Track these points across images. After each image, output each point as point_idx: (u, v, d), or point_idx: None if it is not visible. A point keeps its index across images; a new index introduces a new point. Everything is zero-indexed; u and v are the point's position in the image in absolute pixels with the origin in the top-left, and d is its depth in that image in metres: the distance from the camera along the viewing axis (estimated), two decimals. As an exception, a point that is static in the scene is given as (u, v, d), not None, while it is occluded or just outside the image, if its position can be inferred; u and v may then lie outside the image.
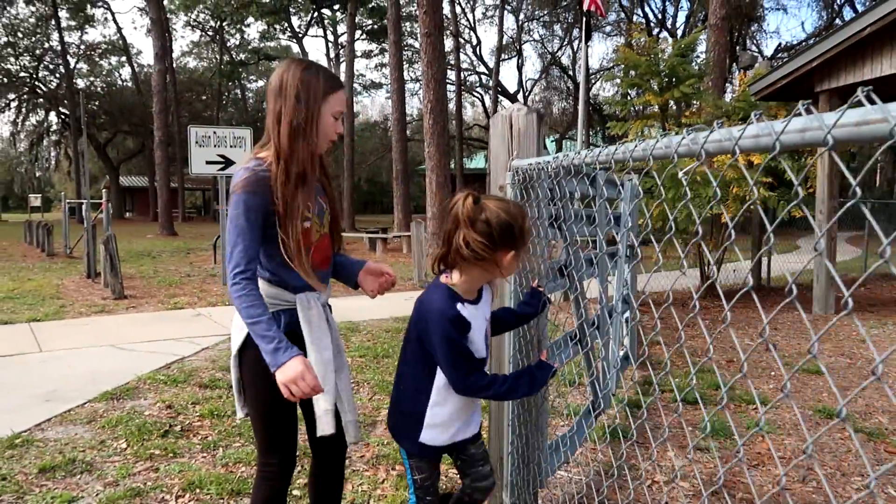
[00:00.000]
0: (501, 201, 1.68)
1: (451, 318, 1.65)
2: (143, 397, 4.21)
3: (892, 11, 6.40)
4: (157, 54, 23.32)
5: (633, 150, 1.33)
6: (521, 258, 1.71)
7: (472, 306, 1.72)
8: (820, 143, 0.81)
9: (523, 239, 1.67)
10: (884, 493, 3.03)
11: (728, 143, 1.00)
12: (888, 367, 5.29)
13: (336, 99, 1.88)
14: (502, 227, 1.62)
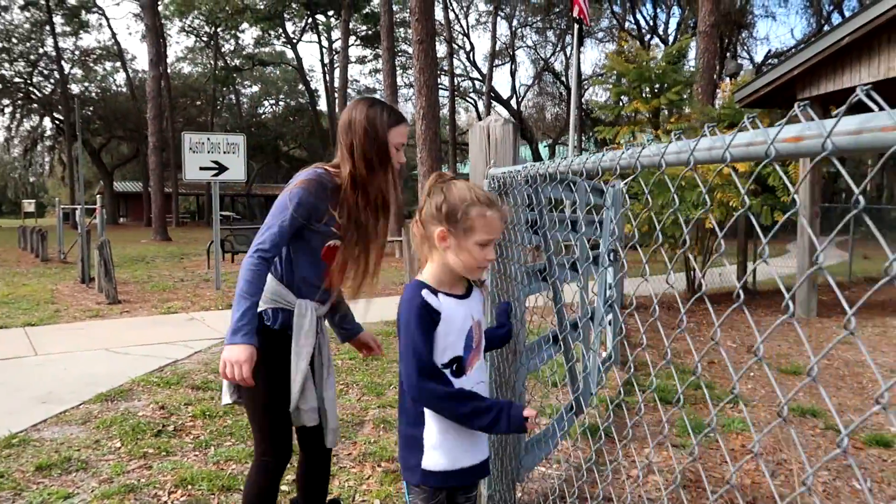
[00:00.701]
0: (470, 187, 1.63)
1: (414, 305, 1.56)
2: (136, 399, 4.31)
3: (868, 22, 6.57)
4: (151, 60, 23.43)
5: (620, 158, 1.33)
6: (460, 246, 1.57)
7: (451, 299, 1.62)
8: (818, 150, 0.76)
9: (463, 223, 1.57)
10: (848, 485, 3.16)
11: (718, 150, 0.97)
12: (863, 368, 5.43)
13: (398, 132, 2.06)
14: (450, 204, 1.57)
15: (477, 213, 1.56)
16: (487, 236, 1.57)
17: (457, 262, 1.59)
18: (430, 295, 1.57)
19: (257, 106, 49.03)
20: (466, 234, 1.56)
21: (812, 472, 0.93)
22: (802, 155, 0.76)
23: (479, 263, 1.59)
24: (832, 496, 3.06)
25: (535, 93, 39.67)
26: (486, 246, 1.59)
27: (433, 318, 1.57)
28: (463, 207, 1.56)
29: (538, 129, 38.38)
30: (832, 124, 0.65)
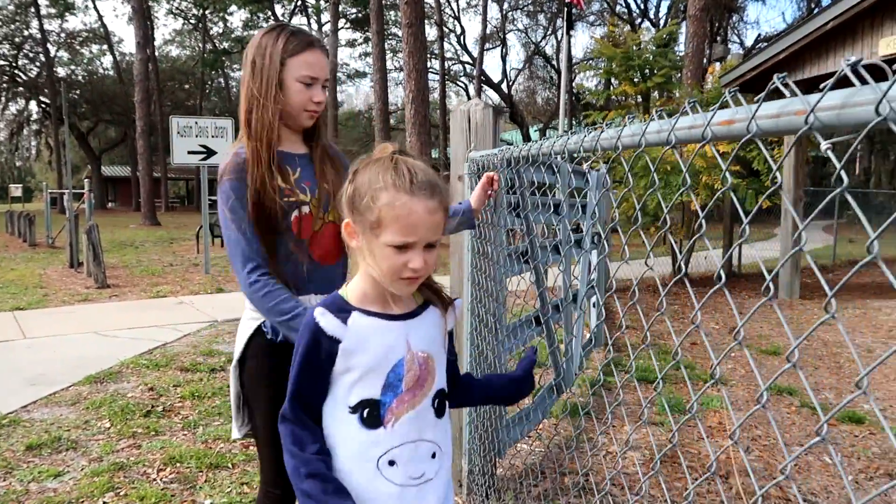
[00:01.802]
0: (393, 165, 1.14)
1: (303, 329, 1.20)
2: (126, 381, 4.36)
3: (851, 7, 6.64)
4: (138, 43, 23.20)
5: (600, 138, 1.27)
6: (371, 247, 1.14)
7: (373, 319, 1.19)
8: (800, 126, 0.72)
9: (367, 214, 1.12)
10: (819, 460, 3.27)
11: (698, 129, 0.93)
12: (841, 349, 5.55)
13: (300, 62, 1.65)
14: (356, 186, 1.15)
15: (386, 201, 1.09)
16: (400, 237, 1.09)
17: (373, 267, 1.15)
18: (328, 316, 1.17)
19: (246, 89, 48.61)
20: (373, 230, 1.11)
21: (790, 462, 0.99)
22: (784, 132, 0.75)
23: (401, 273, 1.12)
24: (803, 470, 3.17)
25: (525, 77, 39.59)
26: (406, 250, 1.11)
27: (326, 347, 1.16)
28: (370, 192, 1.11)
29: (529, 113, 38.31)
30: (816, 99, 0.66)
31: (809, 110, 0.61)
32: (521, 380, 1.45)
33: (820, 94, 0.61)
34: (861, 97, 0.56)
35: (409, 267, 1.12)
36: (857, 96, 0.57)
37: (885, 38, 6.66)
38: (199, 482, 2.92)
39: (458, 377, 1.41)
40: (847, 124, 0.58)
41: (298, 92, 1.66)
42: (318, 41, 1.72)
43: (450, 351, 1.33)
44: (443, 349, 1.28)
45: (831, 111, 0.60)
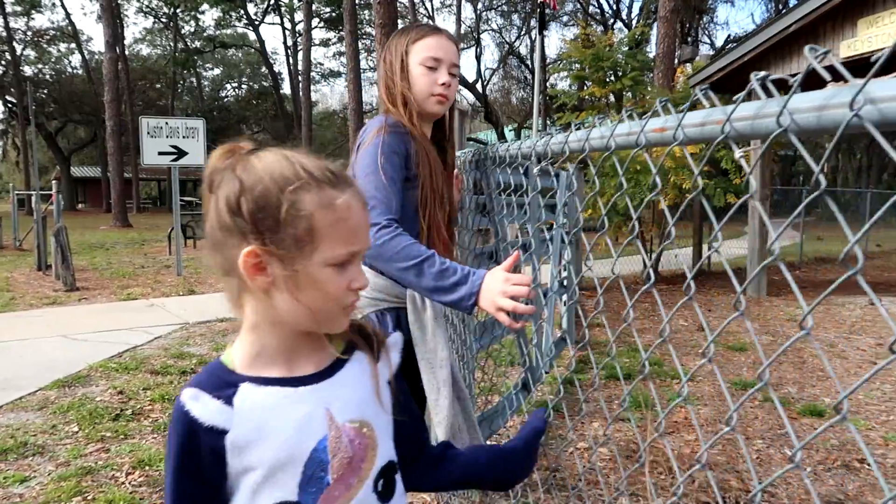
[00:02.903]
0: (289, 157, 0.85)
1: (175, 420, 0.85)
2: (94, 384, 4.32)
3: (814, 10, 6.80)
4: (107, 42, 22.84)
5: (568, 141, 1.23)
6: (297, 278, 0.82)
7: (273, 389, 0.86)
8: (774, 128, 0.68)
9: (291, 228, 0.80)
10: (780, 452, 3.36)
11: (634, 136, 0.93)
12: (804, 344, 5.68)
13: (422, 45, 1.64)
14: (257, 194, 0.80)
15: (316, 202, 0.81)
16: (344, 248, 0.83)
17: (296, 308, 0.83)
18: (203, 398, 0.84)
19: (219, 89, 48.18)
20: (302, 248, 0.81)
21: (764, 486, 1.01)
22: (707, 139, 0.77)
23: (344, 300, 0.86)
24: (764, 463, 3.25)
25: (500, 77, 39.74)
26: (348, 266, 0.84)
27: (208, 443, 0.83)
28: (286, 196, 0.80)
29: (504, 113, 38.47)
30: (731, 110, 0.70)
31: (725, 119, 0.65)
32: (521, 455, 1.12)
33: (734, 106, 0.65)
34: (768, 109, 0.60)
35: (352, 288, 0.85)
36: (765, 108, 0.61)
37: (846, 40, 6.84)
38: (169, 485, 2.92)
39: (424, 445, 1.05)
40: (758, 134, 0.63)
41: (422, 75, 1.63)
42: (442, 29, 1.73)
43: (404, 408, 0.98)
44: (381, 409, 0.94)
45: (745, 122, 0.64)
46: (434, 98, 1.65)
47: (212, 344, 5.41)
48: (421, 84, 1.64)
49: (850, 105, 0.51)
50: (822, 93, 0.55)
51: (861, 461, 3.25)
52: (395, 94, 1.64)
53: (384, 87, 1.69)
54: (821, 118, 0.55)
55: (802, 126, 0.57)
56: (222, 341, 5.43)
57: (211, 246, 0.86)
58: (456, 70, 1.70)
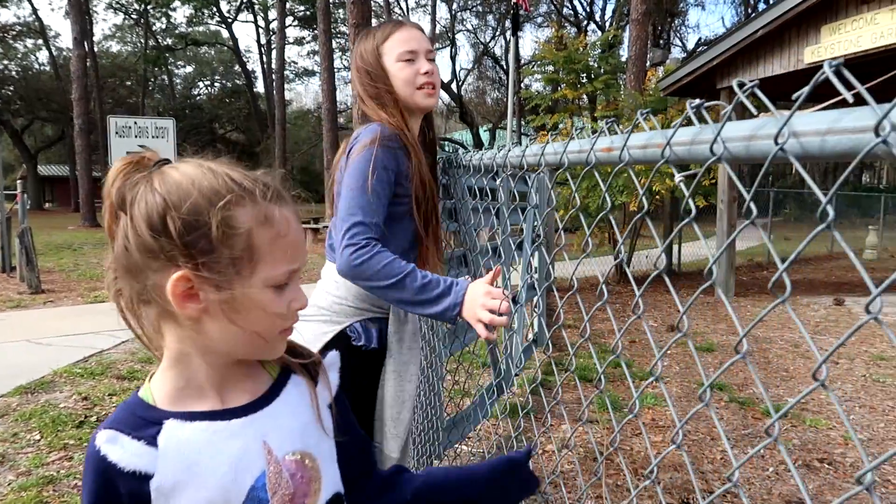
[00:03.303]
0: (209, 167, 0.75)
1: (89, 468, 0.77)
2: (58, 390, 4.24)
3: (780, 16, 6.93)
4: (75, 38, 22.42)
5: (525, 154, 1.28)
6: (234, 303, 0.73)
7: (202, 425, 0.78)
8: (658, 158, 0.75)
9: (227, 248, 0.72)
10: (743, 453, 3.42)
11: (584, 154, 0.94)
12: (770, 344, 5.80)
13: (394, 43, 1.60)
14: (185, 211, 0.71)
15: (252, 219, 0.73)
16: (285, 266, 0.76)
17: (232, 335, 0.76)
18: (121, 440, 0.75)
19: (191, 87, 47.55)
20: (240, 271, 0.73)
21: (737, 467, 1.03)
22: (650, 161, 0.82)
23: (285, 322, 0.79)
24: (728, 463, 3.31)
25: (475, 77, 39.84)
26: (288, 284, 0.77)
27: (128, 491, 0.75)
28: (218, 212, 0.71)
29: (479, 113, 38.57)
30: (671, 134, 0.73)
31: (666, 144, 0.67)
32: (482, 479, 0.99)
33: (673, 130, 0.67)
34: (704, 136, 0.62)
35: (293, 309, 0.78)
36: (701, 135, 0.63)
37: (810, 46, 6.98)
38: (133, 493, 2.88)
39: (371, 467, 0.97)
40: (695, 159, 0.64)
41: (401, 70, 1.58)
42: (405, 20, 1.69)
43: (347, 429, 0.90)
44: (324, 434, 0.86)
45: (683, 146, 0.65)
46: (421, 91, 1.60)
47: (180, 348, 5.34)
48: (404, 79, 1.59)
49: (776, 138, 0.52)
50: (752, 123, 0.57)
51: (821, 461, 3.33)
52: (384, 99, 1.59)
53: (369, 98, 1.61)
54: (749, 148, 0.56)
55: (734, 154, 0.59)
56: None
57: (123, 272, 0.75)
58: (432, 55, 1.65)
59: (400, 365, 1.59)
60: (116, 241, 0.74)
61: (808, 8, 6.76)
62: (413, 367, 1.61)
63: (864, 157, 0.47)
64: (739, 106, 0.64)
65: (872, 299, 0.48)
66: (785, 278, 0.59)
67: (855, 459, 3.34)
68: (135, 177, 0.73)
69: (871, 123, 0.46)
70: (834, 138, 0.49)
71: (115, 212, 0.74)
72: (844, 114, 0.50)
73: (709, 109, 0.68)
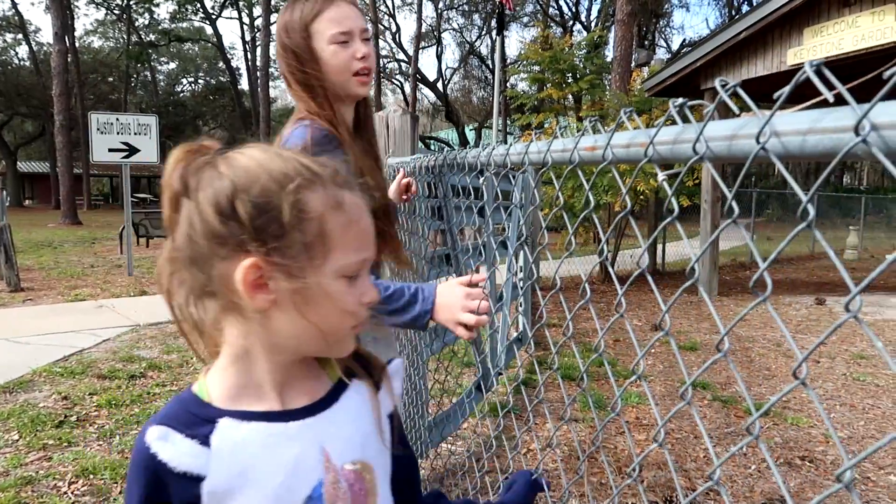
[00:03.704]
0: (275, 152, 0.72)
1: (136, 466, 0.72)
2: (37, 390, 4.19)
3: (762, 18, 7.00)
4: (56, 33, 22.12)
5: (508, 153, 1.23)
6: (307, 293, 0.69)
7: (259, 426, 0.73)
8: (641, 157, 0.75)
9: (298, 234, 0.68)
10: (726, 451, 3.44)
11: (568, 153, 0.93)
12: (752, 343, 5.86)
13: (325, 22, 1.43)
14: (255, 195, 0.67)
15: (325, 203, 0.70)
16: (356, 255, 0.72)
17: (303, 329, 0.71)
18: (174, 438, 0.71)
19: (175, 84, 47.16)
20: (312, 258, 0.69)
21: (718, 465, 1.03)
22: (633, 161, 0.83)
23: (357, 316, 0.74)
24: (710, 463, 3.33)
25: (461, 76, 39.86)
26: (360, 275, 0.73)
27: (180, 493, 0.70)
28: (288, 196, 0.68)
29: (465, 112, 38.60)
30: (654, 133, 0.74)
31: (649, 143, 0.67)
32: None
33: (656, 129, 0.66)
34: (686, 135, 0.62)
35: (363, 302, 0.73)
36: (683, 134, 0.62)
37: (792, 48, 7.05)
38: (114, 493, 2.85)
39: (417, 491, 0.91)
40: (678, 158, 0.64)
41: (335, 54, 1.42)
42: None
43: (399, 442, 0.84)
44: (383, 448, 0.80)
45: (666, 146, 0.65)
46: (356, 79, 1.46)
47: (163, 347, 5.30)
48: (337, 65, 1.43)
49: (757, 137, 0.52)
50: (734, 122, 0.57)
51: (802, 458, 3.37)
52: (313, 87, 1.43)
53: (297, 83, 1.46)
54: (731, 147, 0.56)
55: (717, 153, 0.59)
56: (174, 343, 5.31)
57: (187, 263, 0.70)
58: (368, 34, 1.49)
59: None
60: (178, 231, 0.70)
61: (791, 10, 6.83)
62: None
63: (845, 156, 0.47)
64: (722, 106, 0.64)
65: (851, 297, 0.48)
66: (766, 277, 0.59)
67: (835, 457, 3.38)
68: (197, 162, 0.69)
69: (850, 123, 0.46)
70: (815, 138, 0.49)
71: (176, 200, 0.70)
72: (825, 113, 0.50)
73: (692, 109, 0.68)
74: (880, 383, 4.69)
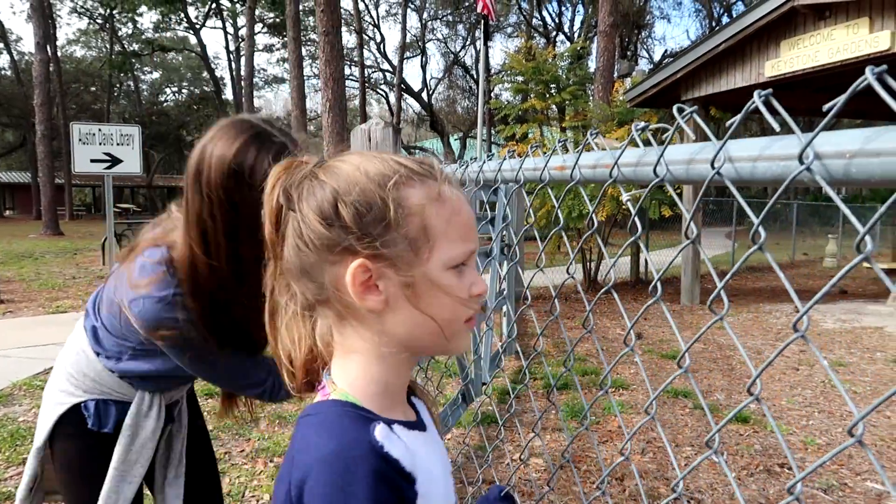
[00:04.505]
0: (375, 155, 0.74)
1: (366, 470, 0.63)
2: (17, 404, 4.14)
3: (741, 31, 7.12)
4: (38, 43, 21.96)
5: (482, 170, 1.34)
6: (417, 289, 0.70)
7: (411, 432, 0.73)
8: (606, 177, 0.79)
9: (404, 229, 0.69)
10: (708, 459, 3.48)
11: (539, 171, 0.99)
12: (733, 351, 5.92)
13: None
14: (358, 196, 0.68)
15: (425, 197, 0.71)
16: (462, 245, 0.72)
17: (419, 325, 0.71)
18: (387, 434, 0.69)
19: (158, 93, 46.89)
20: (419, 251, 0.70)
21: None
22: (599, 180, 0.86)
23: (469, 308, 0.73)
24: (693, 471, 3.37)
25: (445, 86, 40.02)
26: (467, 267, 0.73)
27: (402, 482, 0.67)
28: (389, 193, 0.69)
29: (449, 122, 38.74)
30: (618, 155, 0.77)
31: (613, 164, 0.69)
32: None
33: (620, 151, 0.69)
34: (647, 158, 0.65)
35: (473, 294, 0.73)
36: (645, 157, 0.65)
37: (770, 60, 7.17)
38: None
39: None
40: (641, 181, 0.67)
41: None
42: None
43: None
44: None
45: (629, 167, 0.68)
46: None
47: (145, 359, 5.26)
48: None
49: (712, 163, 0.55)
50: (692, 147, 0.59)
51: (781, 465, 3.41)
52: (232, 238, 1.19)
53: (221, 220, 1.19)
54: (689, 171, 0.59)
55: (676, 177, 0.61)
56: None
57: (297, 275, 0.72)
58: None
59: (125, 464, 1.36)
60: (286, 244, 0.72)
61: (768, 24, 6.95)
62: (139, 469, 1.38)
63: (791, 184, 0.50)
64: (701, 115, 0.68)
65: (798, 318, 0.50)
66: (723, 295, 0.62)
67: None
68: (297, 175, 0.72)
69: (795, 152, 0.48)
70: (763, 164, 0.52)
71: (278, 216, 0.72)
72: (774, 141, 0.52)
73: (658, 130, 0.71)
74: (858, 390, 4.76)
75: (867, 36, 6.15)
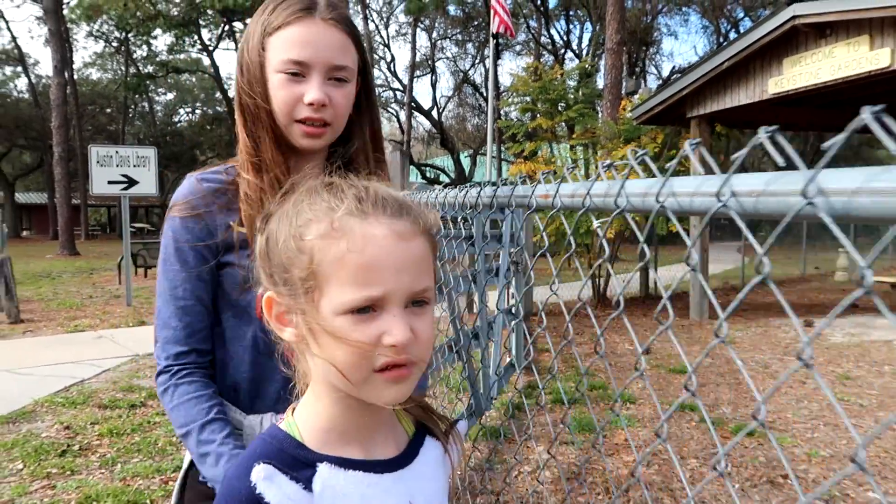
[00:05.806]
0: (338, 185, 0.70)
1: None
2: (40, 420, 4.27)
3: (744, 49, 7.24)
4: (55, 67, 22.45)
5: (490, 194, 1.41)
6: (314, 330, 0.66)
7: (355, 473, 0.70)
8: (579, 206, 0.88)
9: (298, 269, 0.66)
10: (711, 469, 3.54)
11: (526, 198, 1.09)
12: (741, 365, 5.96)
13: (283, 39, 1.03)
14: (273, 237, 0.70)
15: (319, 233, 0.65)
16: (356, 290, 0.63)
17: (326, 368, 0.67)
18: (279, 479, 0.67)
19: (172, 114, 47.58)
20: (309, 293, 0.65)
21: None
22: (576, 208, 0.95)
23: (370, 365, 0.65)
24: (697, 480, 3.43)
25: (455, 104, 40.35)
26: (374, 315, 0.64)
27: None
28: (290, 231, 0.67)
29: (459, 140, 38.99)
30: (589, 185, 0.87)
31: (586, 194, 0.80)
32: None
33: (590, 182, 0.80)
34: (612, 190, 0.75)
35: (385, 344, 0.63)
36: (611, 189, 0.76)
37: (773, 77, 7.28)
38: (116, 520, 2.93)
39: None
40: (607, 208, 0.77)
41: (281, 86, 1.03)
42: (320, 5, 1.06)
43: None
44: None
45: (599, 198, 0.79)
46: (297, 126, 1.05)
47: (162, 376, 5.38)
48: (280, 103, 1.04)
49: (717, 195, 0.64)
50: (695, 180, 0.69)
51: (785, 477, 3.46)
52: (258, 119, 1.07)
53: (240, 109, 1.10)
54: (693, 203, 0.69)
55: (682, 207, 0.71)
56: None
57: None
58: (342, 73, 1.07)
59: None
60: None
61: (770, 42, 7.06)
62: None
63: (793, 218, 0.55)
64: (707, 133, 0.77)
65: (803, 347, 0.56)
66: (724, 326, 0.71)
67: (816, 475, 3.48)
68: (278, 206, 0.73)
69: (798, 188, 0.53)
70: (766, 200, 0.58)
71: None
72: (778, 177, 0.57)
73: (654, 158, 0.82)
74: (864, 403, 4.80)
75: (868, 53, 6.24)
